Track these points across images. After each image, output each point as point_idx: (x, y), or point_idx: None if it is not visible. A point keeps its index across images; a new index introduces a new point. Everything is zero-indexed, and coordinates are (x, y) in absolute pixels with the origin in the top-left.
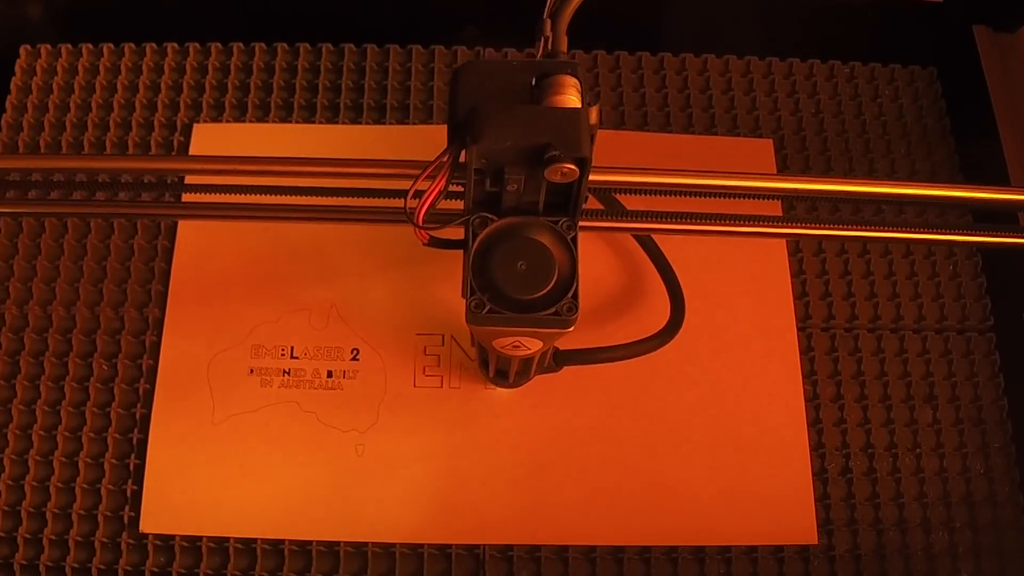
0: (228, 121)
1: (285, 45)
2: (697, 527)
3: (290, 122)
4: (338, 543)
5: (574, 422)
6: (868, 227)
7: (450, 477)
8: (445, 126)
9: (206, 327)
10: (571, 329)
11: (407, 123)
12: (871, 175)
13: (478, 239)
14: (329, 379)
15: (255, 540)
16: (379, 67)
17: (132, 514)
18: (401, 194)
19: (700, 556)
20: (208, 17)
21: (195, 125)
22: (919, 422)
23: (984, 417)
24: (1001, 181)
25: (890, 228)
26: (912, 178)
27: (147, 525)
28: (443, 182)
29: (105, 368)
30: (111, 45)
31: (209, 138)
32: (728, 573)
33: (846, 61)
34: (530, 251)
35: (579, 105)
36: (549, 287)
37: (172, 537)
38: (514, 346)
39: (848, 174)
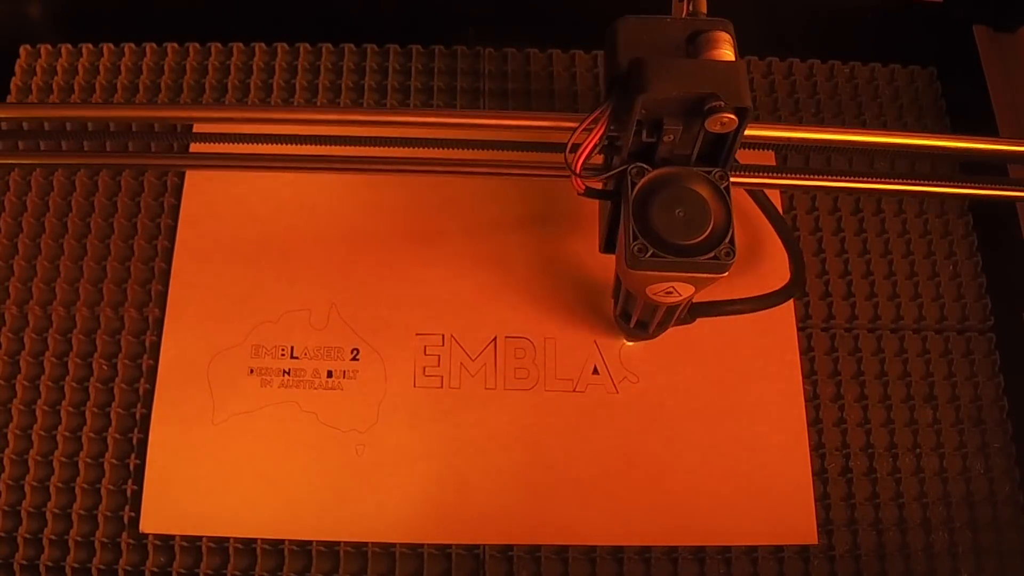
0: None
1: (285, 45)
2: (697, 527)
3: None
4: (338, 543)
5: (574, 423)
6: (860, 178)
7: (450, 477)
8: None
9: (206, 327)
10: (726, 274)
11: None
12: (871, 175)
13: (636, 187)
14: (329, 379)
15: (255, 540)
16: (379, 67)
17: (132, 514)
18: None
19: (700, 556)
20: (208, 17)
21: (195, 125)
22: (919, 422)
23: (984, 417)
24: (1002, 180)
25: (882, 179)
26: (912, 173)
27: (147, 525)
28: (601, 131)
29: (105, 368)
30: (111, 45)
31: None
32: (728, 573)
33: (846, 61)
34: (687, 199)
35: (733, 59)
36: (706, 233)
37: (172, 537)
38: (667, 292)
39: (848, 174)
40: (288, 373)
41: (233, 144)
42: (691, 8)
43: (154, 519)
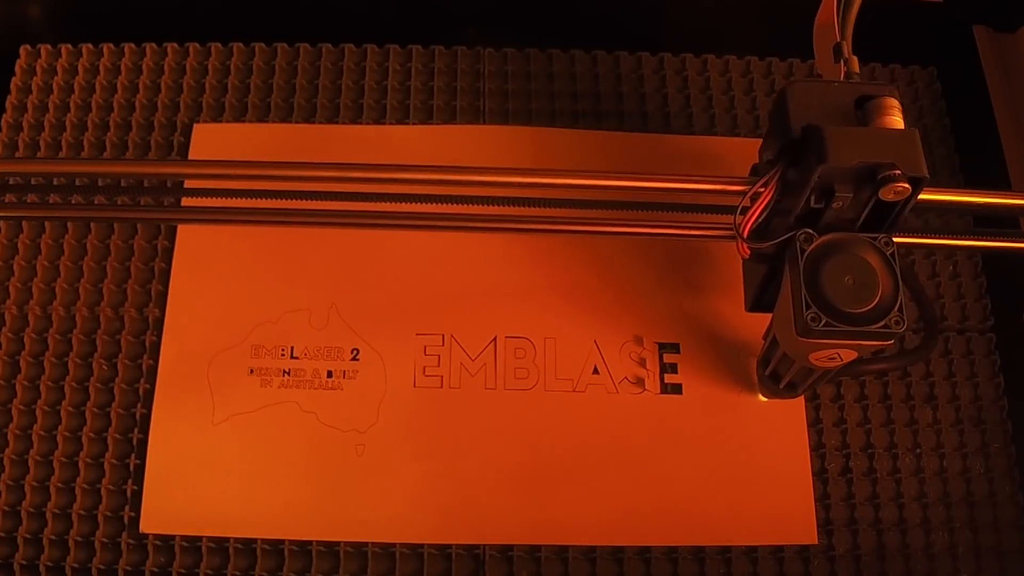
0: (228, 121)
1: (285, 45)
2: (697, 527)
3: (290, 122)
4: (338, 543)
5: (574, 423)
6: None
7: (450, 477)
8: (447, 126)
9: (206, 327)
10: (892, 342)
11: (407, 123)
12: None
13: (806, 254)
14: (329, 379)
15: (255, 540)
16: (379, 67)
17: (132, 514)
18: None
19: (700, 556)
20: (208, 17)
21: (195, 125)
22: (919, 422)
23: (984, 417)
24: (1001, 181)
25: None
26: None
27: (147, 525)
28: (770, 196)
29: (105, 368)
30: (111, 45)
31: (209, 138)
32: (728, 573)
33: None
34: (856, 266)
35: (903, 126)
36: (876, 300)
37: (172, 537)
38: (830, 358)
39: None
40: (288, 373)
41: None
42: (847, 69)
43: (154, 519)
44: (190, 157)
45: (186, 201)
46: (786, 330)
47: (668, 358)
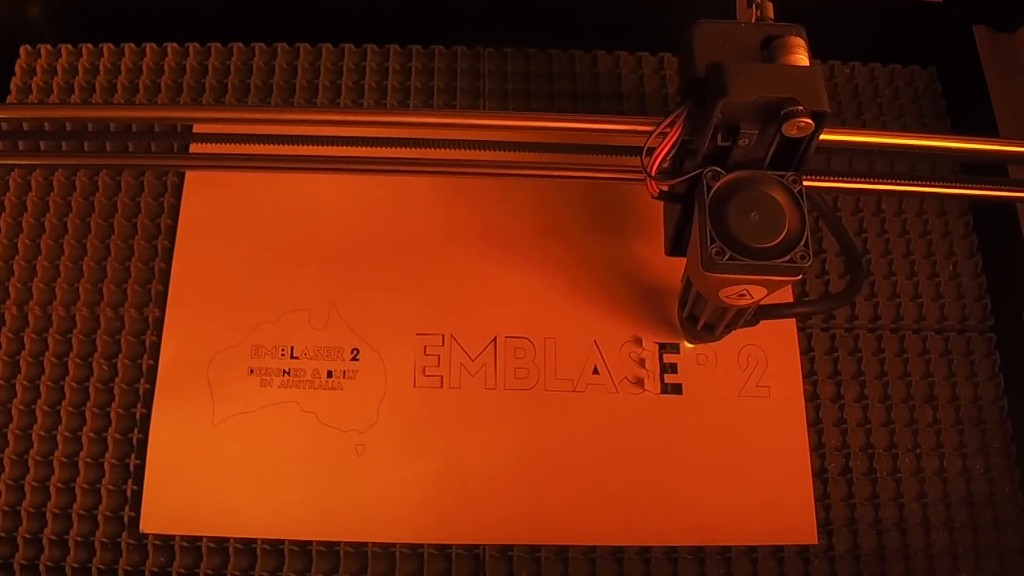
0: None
1: (285, 45)
2: (697, 527)
3: None
4: (338, 543)
5: (574, 423)
6: (862, 179)
7: (450, 477)
8: None
9: (206, 327)
10: (800, 277)
11: None
12: (871, 174)
13: (712, 191)
14: (329, 379)
15: (255, 540)
16: (379, 67)
17: (132, 514)
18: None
19: (700, 556)
20: (208, 17)
21: (195, 125)
22: (919, 422)
23: (984, 417)
24: (1002, 180)
25: (882, 180)
26: (912, 177)
27: (147, 525)
28: (677, 135)
29: (105, 368)
30: (111, 45)
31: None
32: (728, 573)
33: (846, 61)
34: (762, 203)
35: (808, 63)
36: (782, 236)
37: (172, 537)
38: (739, 295)
39: (847, 173)
40: (288, 373)
41: (235, 144)
42: (760, 13)
43: (154, 519)
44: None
45: (194, 147)
46: (696, 268)
47: (668, 358)
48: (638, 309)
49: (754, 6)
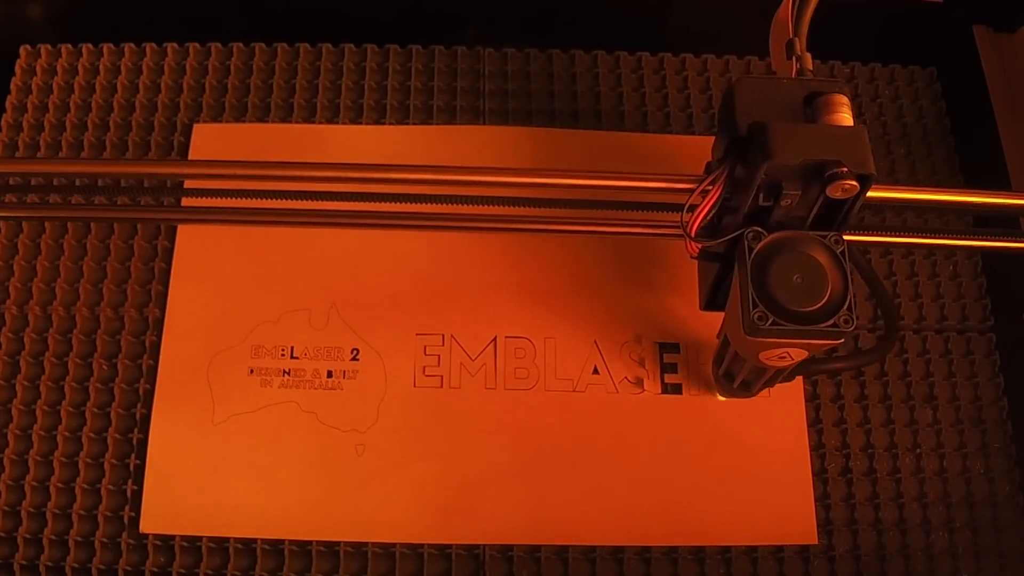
0: (228, 121)
1: (285, 45)
2: (697, 527)
3: (290, 122)
4: (338, 543)
5: (574, 423)
6: (872, 232)
7: (450, 477)
8: (447, 127)
9: (206, 327)
10: (842, 340)
11: (407, 123)
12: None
13: (754, 252)
14: (329, 379)
15: (255, 540)
16: (379, 67)
17: (132, 514)
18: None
19: (700, 556)
20: (208, 17)
21: (195, 125)
22: (919, 422)
23: (984, 417)
24: (1001, 181)
25: (893, 233)
26: (912, 178)
27: (147, 525)
28: (718, 194)
29: (105, 368)
30: (111, 45)
31: (209, 138)
32: (728, 573)
33: (846, 61)
34: (804, 265)
35: (852, 123)
36: (824, 300)
37: (172, 537)
38: (780, 357)
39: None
40: (288, 373)
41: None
42: (799, 65)
43: (154, 519)
44: (190, 157)
45: (186, 201)
46: (736, 329)
47: (668, 358)
48: (638, 309)
49: (794, 59)
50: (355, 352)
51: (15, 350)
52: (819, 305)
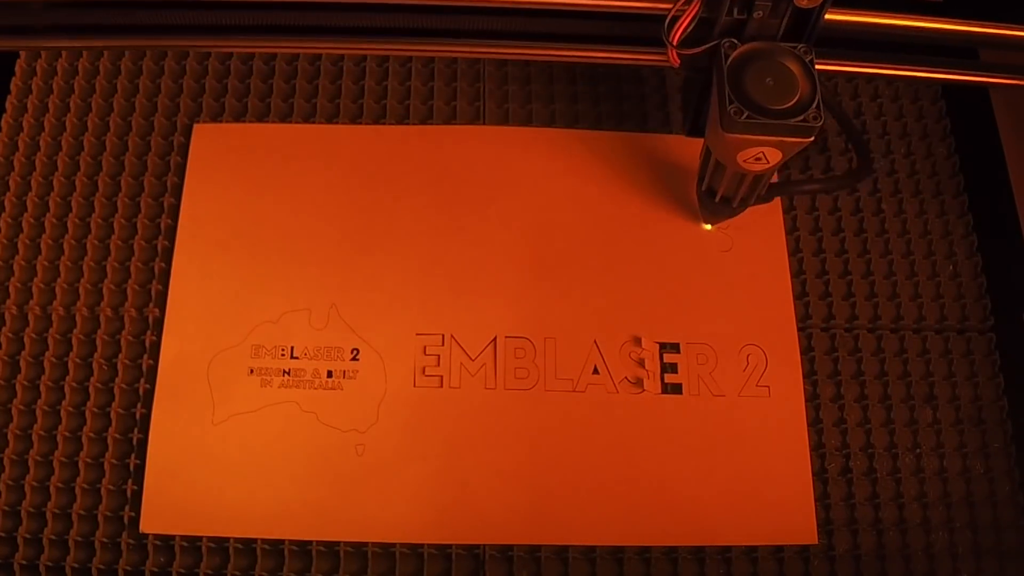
0: (228, 121)
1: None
2: (697, 527)
3: (290, 122)
4: (338, 543)
5: (574, 423)
6: (841, 62)
7: (450, 477)
8: (446, 126)
9: (206, 327)
10: (812, 139)
11: (407, 123)
12: (871, 175)
13: (730, 59)
14: (329, 379)
15: (255, 540)
16: (379, 68)
17: (132, 514)
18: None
19: (700, 556)
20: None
21: (195, 125)
22: (919, 422)
23: (984, 417)
24: (1002, 180)
25: (861, 64)
26: (912, 177)
27: (147, 525)
28: (697, 6)
29: (105, 368)
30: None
31: (209, 138)
32: (728, 573)
33: None
34: (776, 70)
35: None
36: (795, 100)
37: (172, 537)
38: (756, 158)
39: (848, 173)
40: (288, 373)
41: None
42: None
43: (154, 519)
44: (190, 157)
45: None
46: (714, 132)
47: (668, 358)
48: (638, 309)
49: None
50: (355, 352)
51: (15, 350)
52: (790, 104)
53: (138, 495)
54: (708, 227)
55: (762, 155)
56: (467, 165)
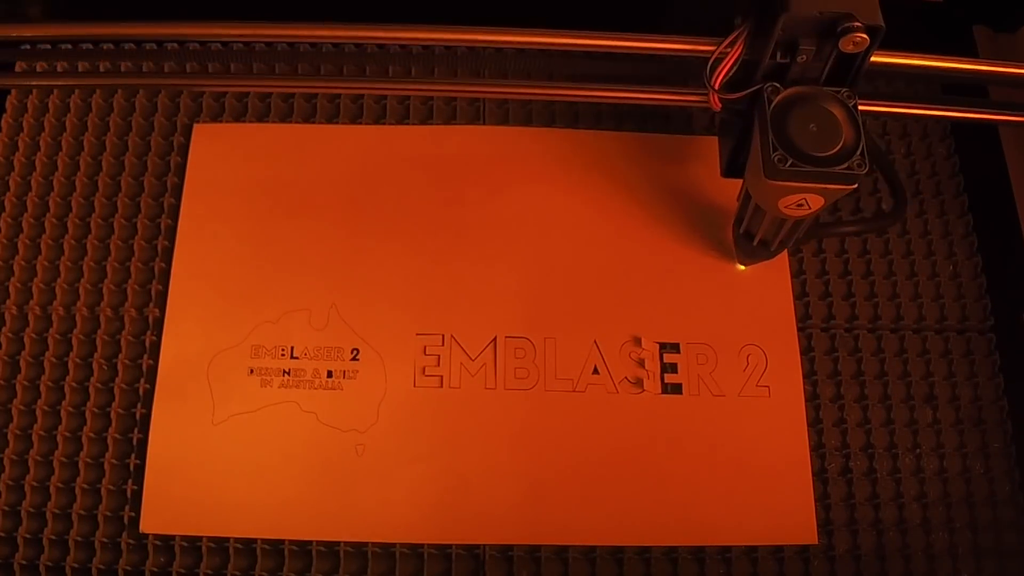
0: (228, 121)
1: (285, 45)
2: (697, 527)
3: (290, 122)
4: (338, 543)
5: (574, 423)
6: (880, 102)
7: (450, 477)
8: (447, 127)
9: (206, 327)
10: (856, 186)
11: (407, 123)
12: (871, 175)
13: (773, 104)
14: (329, 379)
15: (255, 540)
16: (379, 67)
17: (132, 514)
18: None
19: (700, 556)
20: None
21: (195, 125)
22: (919, 422)
23: (984, 417)
24: (1002, 180)
25: (898, 104)
26: (913, 177)
27: (147, 525)
28: (740, 50)
29: (105, 368)
30: (111, 45)
31: (209, 138)
32: (728, 573)
33: None
34: (819, 115)
35: None
36: (838, 147)
37: (172, 537)
38: (798, 204)
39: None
40: (288, 373)
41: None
42: None
43: (154, 519)
44: (190, 157)
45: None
46: (756, 178)
47: (668, 358)
48: (638, 309)
49: None
50: (355, 352)
51: (15, 350)
52: (833, 151)
53: (138, 495)
54: (742, 268)
55: (804, 202)
56: (467, 165)
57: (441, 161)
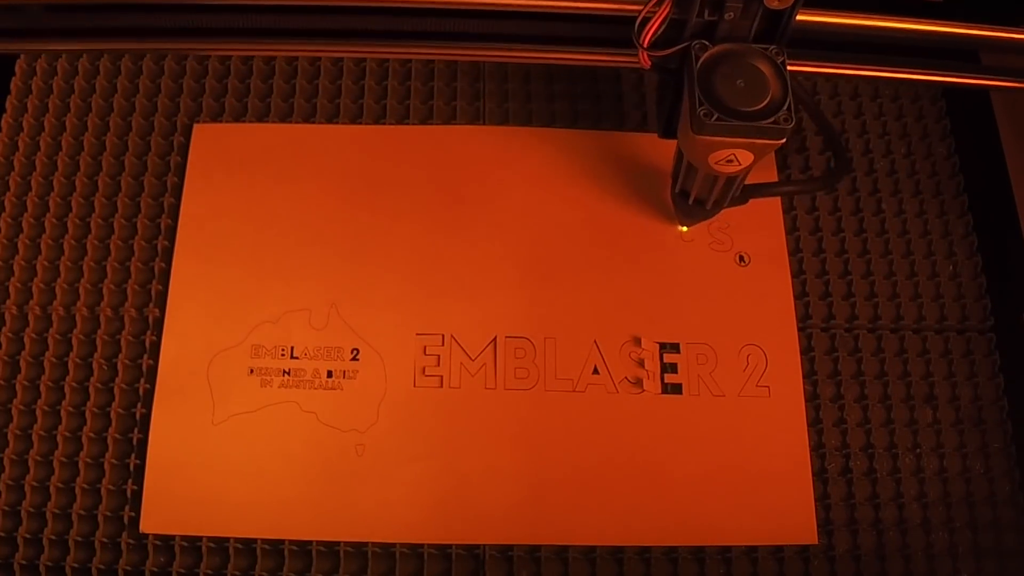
0: (228, 121)
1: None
2: (697, 527)
3: (290, 122)
4: (338, 543)
5: (574, 423)
6: (839, 64)
7: (450, 477)
8: (447, 127)
9: (206, 327)
10: (783, 140)
11: (407, 123)
12: (871, 175)
13: (700, 60)
14: (329, 379)
15: (255, 540)
16: (379, 67)
17: (132, 514)
18: None
19: (700, 556)
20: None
21: (195, 125)
22: (919, 422)
23: (984, 417)
24: (1001, 180)
25: (835, 64)
26: (912, 177)
27: (147, 525)
28: (667, 9)
29: (105, 368)
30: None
31: (209, 138)
32: (728, 573)
33: None
34: (746, 72)
35: None
36: (766, 101)
37: (172, 537)
38: (727, 160)
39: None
40: (288, 373)
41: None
42: None
43: (154, 519)
44: (190, 157)
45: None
46: (685, 134)
47: (668, 358)
48: (638, 309)
49: None
50: (355, 352)
51: (15, 350)
52: (761, 106)
53: (138, 495)
54: (684, 229)
55: (734, 157)
56: (467, 165)
57: (441, 161)
